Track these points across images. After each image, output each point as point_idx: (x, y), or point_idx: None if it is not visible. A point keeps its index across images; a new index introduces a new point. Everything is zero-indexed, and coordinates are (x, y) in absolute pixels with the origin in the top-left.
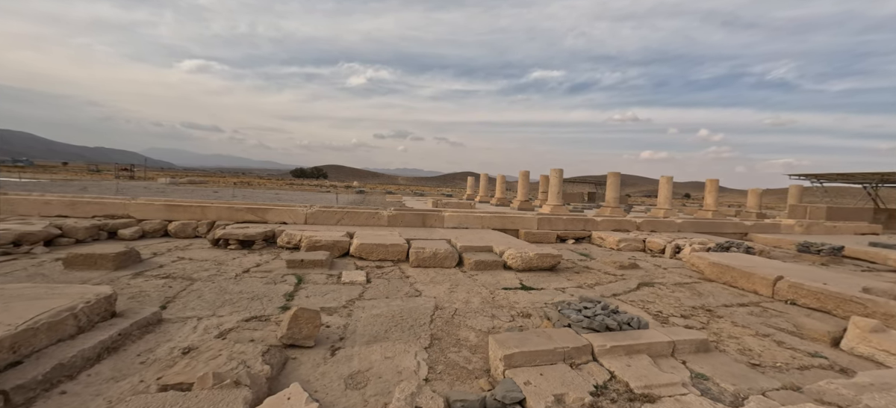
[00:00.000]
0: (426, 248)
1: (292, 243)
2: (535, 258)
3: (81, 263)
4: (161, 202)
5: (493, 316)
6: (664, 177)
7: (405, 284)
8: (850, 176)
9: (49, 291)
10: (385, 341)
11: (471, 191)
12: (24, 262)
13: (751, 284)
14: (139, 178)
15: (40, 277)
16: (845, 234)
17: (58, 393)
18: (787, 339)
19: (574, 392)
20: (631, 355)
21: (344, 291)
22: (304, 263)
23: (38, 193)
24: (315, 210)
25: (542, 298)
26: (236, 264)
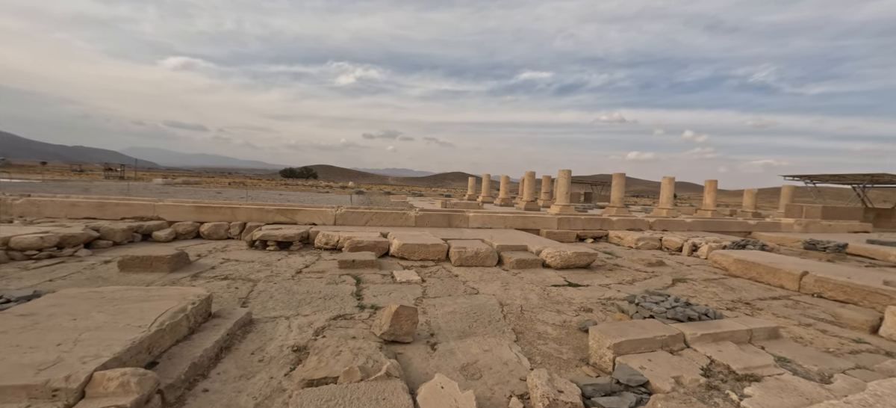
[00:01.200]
0: (467, 248)
1: (330, 244)
2: (573, 256)
3: (137, 266)
4: (190, 204)
5: (559, 311)
6: (666, 178)
7: (458, 282)
8: (842, 177)
9: (148, 294)
10: (474, 337)
11: (472, 191)
12: (74, 264)
13: (777, 279)
14: (129, 178)
15: (100, 279)
16: (840, 232)
17: (201, 391)
18: (829, 328)
19: (688, 374)
20: (717, 342)
21: (406, 291)
22: (356, 264)
23: (63, 195)
24: (343, 211)
25: (593, 294)
26: (285, 265)
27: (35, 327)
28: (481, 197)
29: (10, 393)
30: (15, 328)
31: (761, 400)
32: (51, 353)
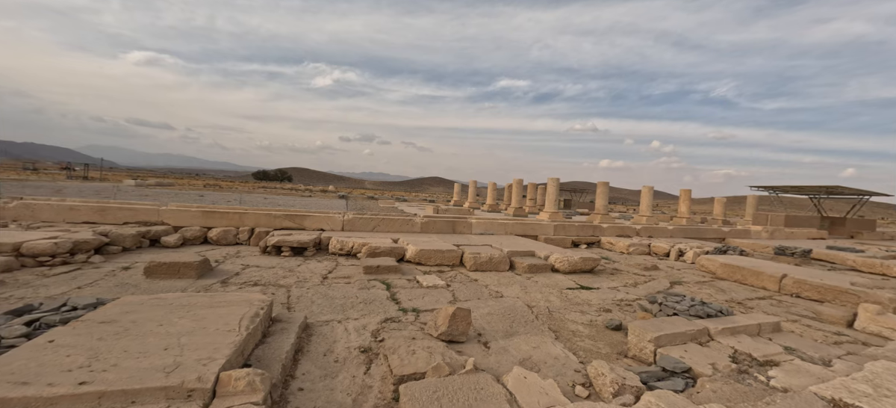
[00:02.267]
0: (481, 254)
1: (345, 250)
2: (580, 261)
3: (164, 272)
4: (196, 208)
5: (582, 312)
6: (646, 187)
7: (480, 287)
8: (801, 188)
9: (214, 300)
10: (518, 336)
11: (458, 197)
12: (93, 271)
13: (760, 282)
14: (93, 178)
15: (129, 286)
16: (801, 238)
17: (297, 390)
18: (813, 323)
19: (720, 361)
20: (735, 335)
21: (436, 295)
22: (380, 270)
23: (57, 199)
24: (350, 217)
25: (606, 296)
26: (308, 271)
27: (127, 334)
28: (468, 203)
29: (149, 395)
30: (108, 334)
31: (784, 380)
32: (165, 357)
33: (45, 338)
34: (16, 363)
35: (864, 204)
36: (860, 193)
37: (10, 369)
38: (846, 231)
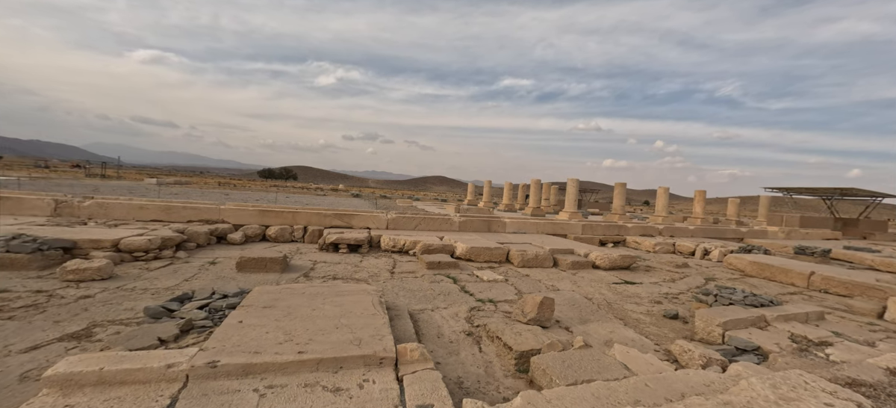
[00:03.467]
0: (527, 251)
1: (397, 247)
2: (619, 259)
3: (253, 266)
4: (253, 208)
5: (636, 303)
6: (661, 188)
7: (534, 281)
8: (814, 190)
9: (339, 289)
10: (592, 322)
11: (471, 196)
12: (186, 266)
13: (788, 278)
14: (110, 176)
15: (226, 279)
16: (816, 239)
17: (435, 364)
18: (846, 314)
19: (782, 341)
20: (788, 321)
21: (500, 288)
22: (440, 265)
23: (125, 198)
24: (393, 217)
25: (651, 290)
26: (373, 266)
27: (293, 316)
28: (483, 203)
29: (351, 362)
30: (280, 317)
31: (840, 356)
32: (343, 334)
33: (235, 319)
34: (234, 338)
35: (877, 205)
36: (873, 194)
37: (235, 343)
38: (859, 232)
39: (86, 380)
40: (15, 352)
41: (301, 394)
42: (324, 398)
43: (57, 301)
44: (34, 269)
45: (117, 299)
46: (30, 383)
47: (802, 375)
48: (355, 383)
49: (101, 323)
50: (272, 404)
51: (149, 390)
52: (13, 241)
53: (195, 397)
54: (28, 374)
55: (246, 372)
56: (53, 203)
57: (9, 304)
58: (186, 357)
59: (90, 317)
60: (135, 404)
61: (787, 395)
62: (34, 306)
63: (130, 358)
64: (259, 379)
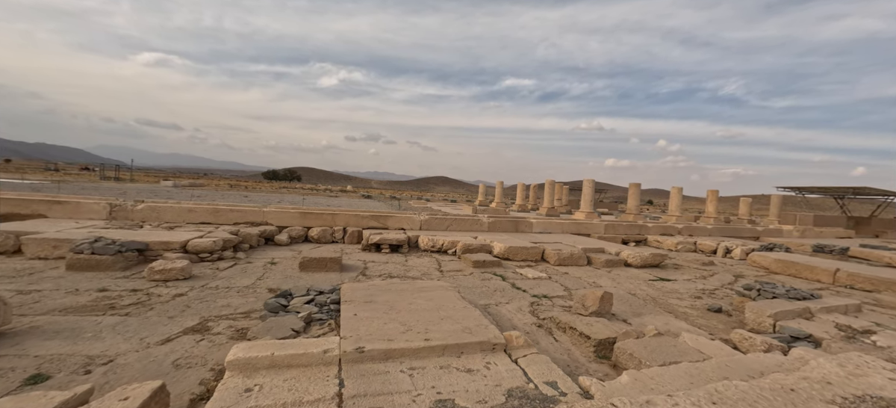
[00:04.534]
0: (563, 250)
1: (436, 247)
2: (650, 257)
3: (314, 266)
4: (294, 210)
5: (678, 298)
6: (675, 188)
7: (574, 278)
8: (827, 189)
9: (417, 286)
10: (644, 315)
11: (483, 197)
12: (248, 265)
13: (814, 275)
14: (123, 179)
15: (292, 277)
16: (830, 237)
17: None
18: (876, 308)
19: (829, 330)
20: (830, 313)
21: (547, 284)
22: (485, 264)
23: (174, 202)
24: (426, 218)
25: (687, 287)
26: (419, 265)
27: (396, 309)
28: (495, 203)
29: (469, 348)
30: (386, 310)
31: (885, 342)
32: (452, 324)
33: (349, 312)
34: (361, 329)
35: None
36: (886, 193)
37: (365, 333)
38: (871, 230)
39: (260, 364)
40: (153, 344)
41: (441, 374)
42: (461, 377)
43: (157, 299)
44: (117, 269)
45: (210, 297)
46: (184, 369)
47: (861, 356)
48: (481, 364)
49: (212, 318)
50: (422, 381)
51: (314, 371)
52: (96, 243)
53: (355, 376)
54: (178, 362)
55: (387, 357)
56: (108, 207)
57: (118, 301)
58: (334, 344)
59: (196, 312)
60: (309, 382)
61: (854, 371)
62: (141, 304)
63: (288, 345)
64: (399, 362)
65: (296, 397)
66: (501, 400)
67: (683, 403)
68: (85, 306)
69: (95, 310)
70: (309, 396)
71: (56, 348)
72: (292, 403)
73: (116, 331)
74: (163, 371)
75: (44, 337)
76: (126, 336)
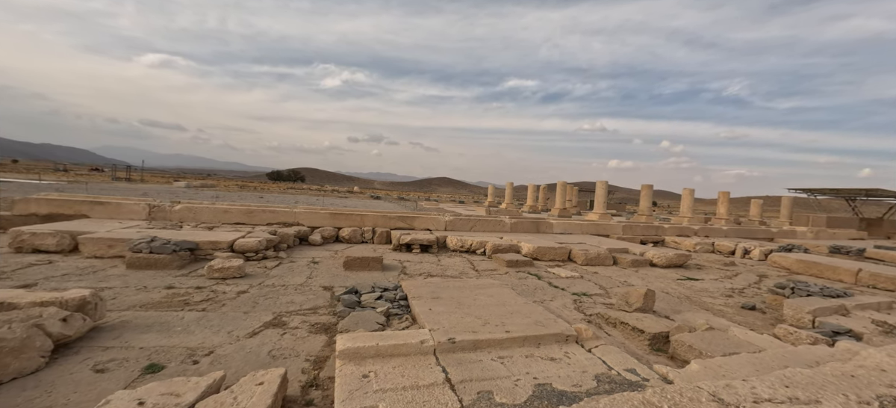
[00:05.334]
0: (589, 251)
1: (464, 248)
2: (675, 257)
3: (357, 265)
4: (325, 211)
5: (711, 297)
6: (686, 189)
7: (604, 278)
8: (839, 191)
9: (471, 284)
10: (684, 312)
11: (492, 198)
12: (293, 264)
13: (836, 275)
14: (134, 179)
15: (338, 276)
16: (843, 238)
17: None
18: None
19: (867, 326)
20: (864, 310)
21: (582, 283)
22: (519, 264)
23: (209, 202)
24: (450, 219)
25: (715, 286)
26: (454, 265)
27: (464, 305)
28: (505, 204)
29: (545, 339)
30: (456, 305)
31: None
32: (523, 318)
33: (423, 307)
34: (443, 321)
35: None
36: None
37: (448, 325)
38: (883, 232)
39: (367, 353)
40: (242, 337)
41: (528, 362)
42: (547, 365)
43: (223, 296)
44: (174, 268)
45: (272, 295)
46: (281, 360)
47: None
48: (560, 353)
49: (284, 314)
50: (514, 368)
51: (415, 359)
52: (153, 243)
53: (454, 364)
54: (273, 353)
55: (475, 347)
56: (148, 208)
57: (189, 298)
58: (427, 336)
59: (267, 309)
60: (415, 368)
61: None
62: (211, 301)
63: (387, 337)
64: (487, 352)
65: (411, 382)
66: (593, 384)
67: (760, 386)
68: (160, 302)
69: (172, 306)
70: (421, 381)
71: (154, 340)
72: (409, 386)
73: (202, 325)
74: (262, 361)
75: (138, 330)
76: (213, 330)
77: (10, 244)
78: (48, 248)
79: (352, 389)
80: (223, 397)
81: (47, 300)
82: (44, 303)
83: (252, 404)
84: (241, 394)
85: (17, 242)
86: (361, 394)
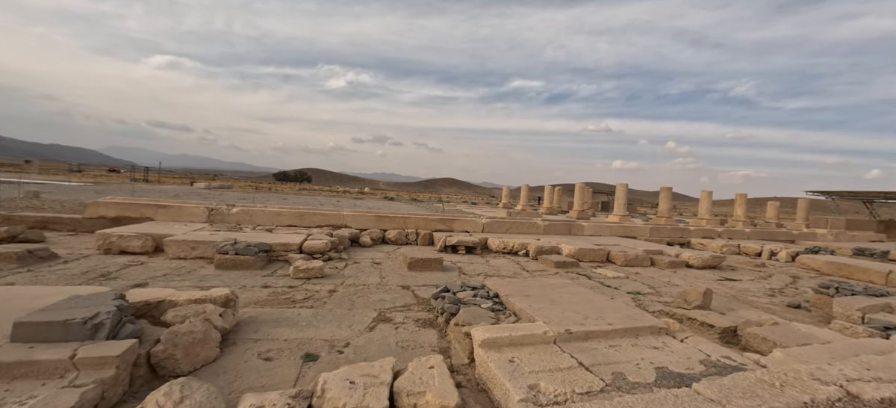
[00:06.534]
0: (628, 252)
1: (506, 249)
2: (710, 259)
3: (420, 266)
4: (371, 214)
5: (755, 296)
6: (704, 192)
7: (647, 278)
8: (857, 193)
9: (552, 282)
10: (737, 310)
11: (506, 199)
12: (358, 264)
13: (867, 276)
14: (152, 180)
15: (405, 276)
16: (863, 240)
17: None
18: None
19: None
20: None
21: (632, 283)
22: (566, 265)
23: (261, 206)
24: (487, 221)
25: (754, 286)
26: (505, 265)
27: (557, 302)
28: (520, 205)
29: (641, 331)
30: (547, 302)
31: None
32: (616, 313)
33: (521, 303)
34: (550, 315)
35: None
36: None
37: (556, 318)
38: None
39: (502, 342)
40: (363, 331)
41: (637, 350)
42: (652, 351)
43: (318, 294)
44: (257, 268)
45: (361, 293)
46: (409, 350)
47: None
48: (659, 343)
49: (386, 310)
50: (628, 354)
51: (542, 348)
52: (237, 245)
53: (576, 351)
54: (400, 344)
55: (586, 337)
56: (207, 211)
57: (292, 296)
58: (545, 328)
59: (366, 306)
60: (547, 354)
61: None
62: (311, 298)
63: (516, 328)
64: (598, 341)
65: (552, 365)
66: (702, 368)
67: (846, 369)
68: (267, 299)
69: (281, 303)
70: (560, 364)
71: (290, 333)
72: (552, 369)
73: (320, 320)
74: (394, 351)
75: (270, 325)
76: (333, 325)
77: (99, 247)
78: (134, 250)
79: (509, 371)
80: (409, 377)
81: (199, 298)
82: (198, 301)
83: (436, 383)
84: (422, 375)
85: (105, 244)
86: (519, 374)
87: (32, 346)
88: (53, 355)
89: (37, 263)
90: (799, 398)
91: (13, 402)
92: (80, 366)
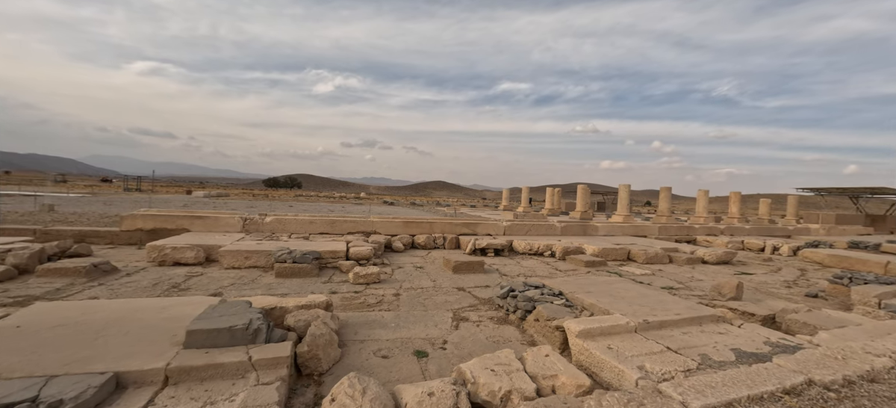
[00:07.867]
0: (648, 250)
1: (531, 251)
2: (723, 255)
3: (463, 269)
4: (399, 220)
5: (774, 287)
6: (701, 191)
7: (672, 274)
8: (845, 189)
9: (603, 279)
10: (763, 300)
11: (506, 202)
12: (404, 269)
13: (867, 267)
14: (145, 190)
15: (451, 277)
16: (852, 234)
17: None
18: None
19: None
20: None
21: (660, 279)
22: (595, 264)
23: (293, 214)
24: (508, 224)
25: (770, 278)
26: (537, 267)
27: (618, 297)
28: (521, 207)
29: (704, 320)
30: (611, 298)
31: None
32: (675, 305)
33: (589, 299)
34: (621, 308)
35: None
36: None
37: (628, 311)
38: (887, 227)
39: (595, 333)
40: (450, 329)
41: (706, 335)
42: (719, 336)
43: (385, 298)
44: (313, 275)
45: (424, 296)
46: (502, 345)
47: None
48: (722, 329)
49: (459, 310)
50: (700, 339)
51: (628, 336)
52: (292, 254)
53: (657, 338)
54: (491, 339)
55: (661, 326)
56: (242, 221)
57: (364, 300)
58: (624, 319)
59: (437, 307)
60: (634, 342)
61: None
62: (382, 302)
63: (604, 320)
64: (671, 329)
65: (645, 350)
66: (768, 348)
67: (889, 344)
68: (343, 304)
69: (358, 307)
70: (650, 349)
71: (387, 334)
72: (647, 353)
73: (407, 321)
74: (486, 346)
75: (366, 327)
76: (421, 325)
77: (153, 259)
78: (187, 261)
79: (614, 355)
80: (532, 364)
81: (306, 304)
82: (305, 306)
83: (561, 367)
84: (542, 362)
85: (159, 257)
86: (623, 358)
87: (208, 351)
88: (233, 357)
89: (103, 277)
90: (861, 367)
91: (221, 400)
92: (258, 367)
